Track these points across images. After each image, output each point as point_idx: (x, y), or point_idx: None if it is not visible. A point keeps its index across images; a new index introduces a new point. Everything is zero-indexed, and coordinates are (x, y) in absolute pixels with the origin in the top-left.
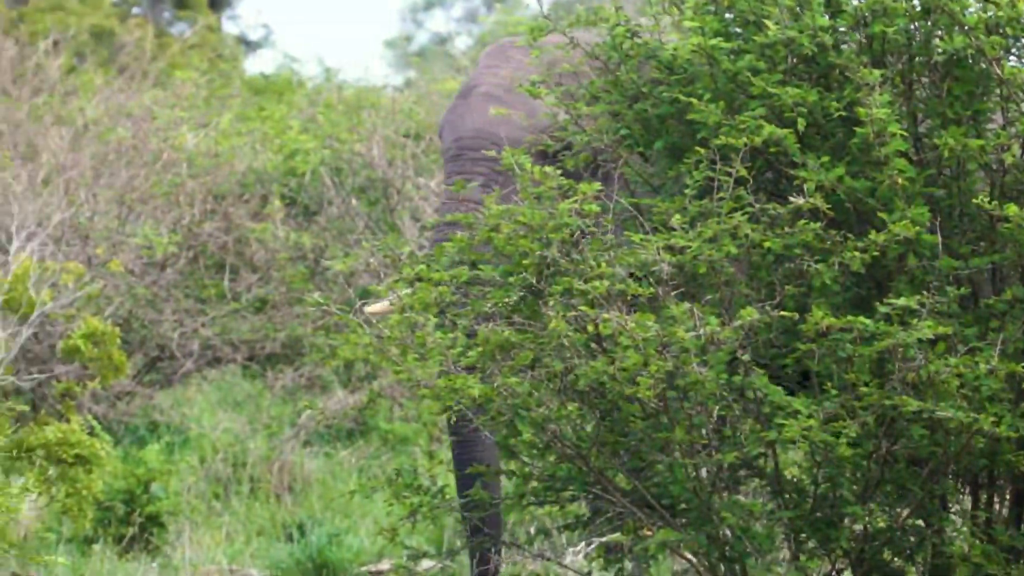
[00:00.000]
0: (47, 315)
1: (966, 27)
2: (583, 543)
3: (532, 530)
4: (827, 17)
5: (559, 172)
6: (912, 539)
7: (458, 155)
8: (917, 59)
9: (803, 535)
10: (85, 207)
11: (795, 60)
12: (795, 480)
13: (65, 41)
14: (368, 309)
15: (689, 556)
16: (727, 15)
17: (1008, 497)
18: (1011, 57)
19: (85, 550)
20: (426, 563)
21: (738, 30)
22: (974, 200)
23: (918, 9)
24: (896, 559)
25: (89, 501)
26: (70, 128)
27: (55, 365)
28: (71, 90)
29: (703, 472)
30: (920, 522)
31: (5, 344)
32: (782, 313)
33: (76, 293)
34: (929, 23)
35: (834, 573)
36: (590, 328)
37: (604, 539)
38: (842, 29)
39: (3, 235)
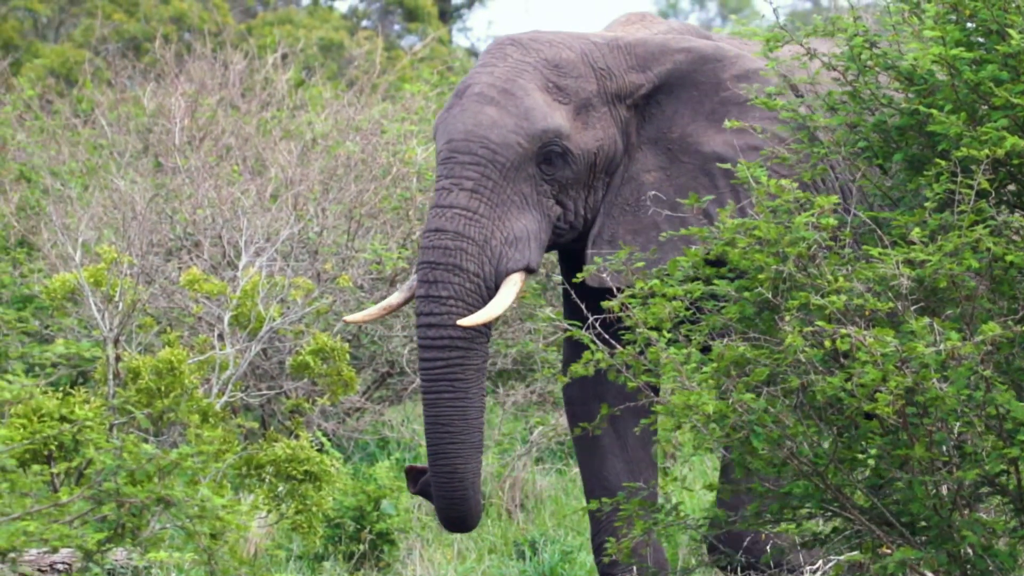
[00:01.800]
0: (276, 331)
1: None
2: (821, 561)
3: (769, 548)
4: None
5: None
6: None
7: (448, 158)
8: None
9: None
10: (314, 222)
11: None
12: None
13: (294, 54)
14: (347, 318)
15: (929, 575)
16: (968, 24)
17: None
18: None
19: (315, 567)
20: None
21: (980, 39)
22: None
23: None
24: None
25: (319, 518)
26: (299, 142)
27: (284, 381)
28: (299, 104)
29: (944, 489)
30: None
31: (234, 360)
32: None
33: (305, 309)
34: None
35: None
36: (827, 343)
37: (842, 557)
38: None
39: (232, 250)
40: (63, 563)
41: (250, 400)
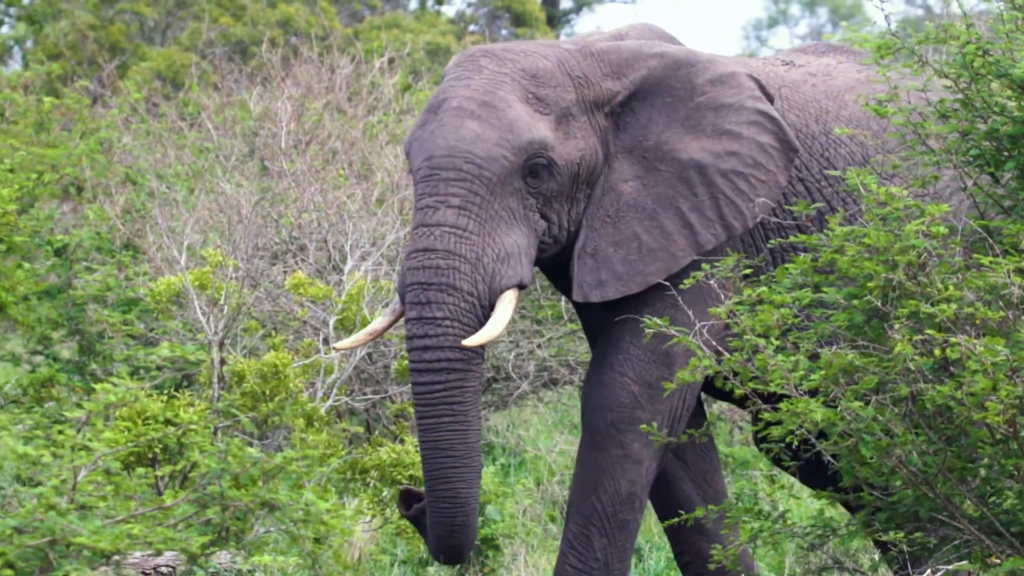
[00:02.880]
0: (381, 335)
1: None
2: (929, 571)
3: (876, 556)
4: None
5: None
6: None
7: (430, 175)
8: None
9: None
10: None
11: None
12: None
13: (400, 59)
14: (335, 345)
15: None
16: None
17: None
18: None
19: (419, 572)
20: None
21: None
22: None
23: None
24: None
25: None
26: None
27: (389, 386)
28: (406, 108)
29: None
30: None
31: (339, 364)
32: None
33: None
34: None
35: None
36: (937, 352)
37: (951, 567)
38: None
39: (337, 254)
40: (167, 566)
41: (355, 404)
